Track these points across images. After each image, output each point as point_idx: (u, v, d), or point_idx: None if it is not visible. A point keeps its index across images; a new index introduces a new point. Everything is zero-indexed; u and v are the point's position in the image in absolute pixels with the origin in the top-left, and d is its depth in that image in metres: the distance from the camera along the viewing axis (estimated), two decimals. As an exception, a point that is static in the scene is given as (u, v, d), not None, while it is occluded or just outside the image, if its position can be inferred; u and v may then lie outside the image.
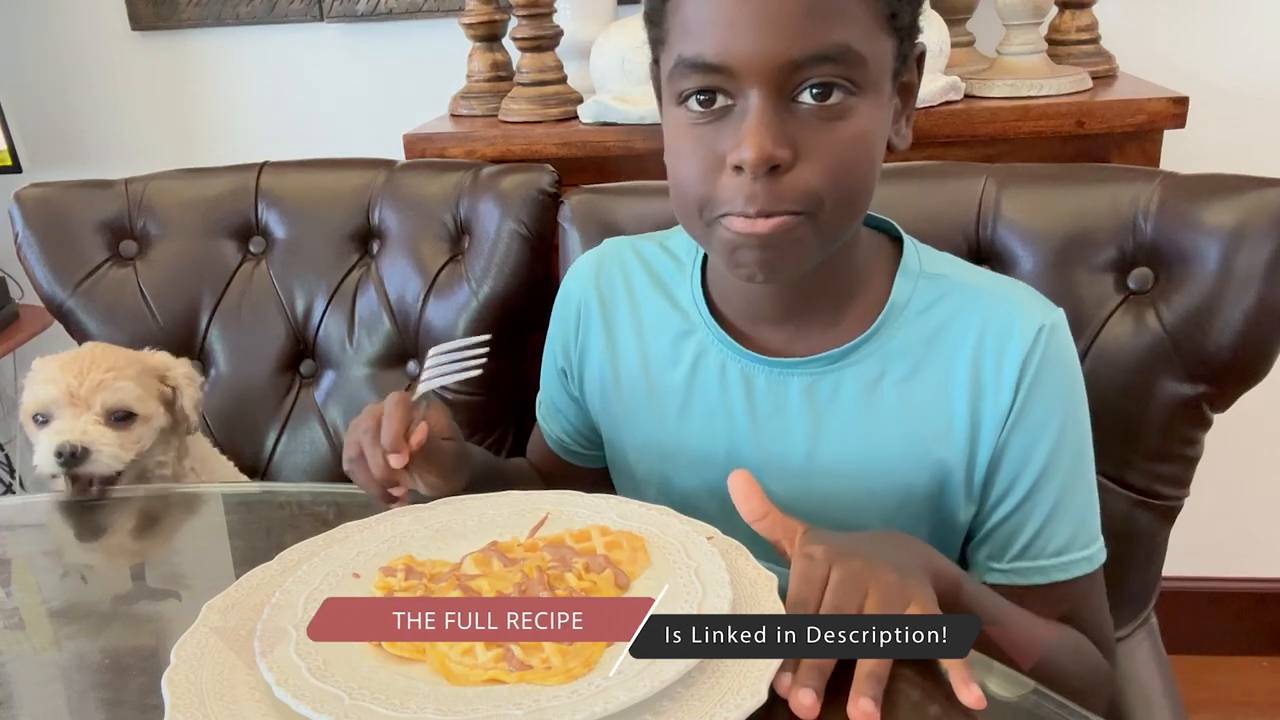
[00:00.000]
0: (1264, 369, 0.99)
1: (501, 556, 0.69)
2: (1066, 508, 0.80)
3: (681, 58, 0.71)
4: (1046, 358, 0.78)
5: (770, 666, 0.58)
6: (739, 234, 0.72)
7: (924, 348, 0.80)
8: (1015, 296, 0.82)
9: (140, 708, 0.64)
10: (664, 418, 0.88)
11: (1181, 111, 1.34)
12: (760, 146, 0.67)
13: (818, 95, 0.69)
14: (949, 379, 0.80)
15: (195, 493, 1.06)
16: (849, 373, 0.81)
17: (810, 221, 0.71)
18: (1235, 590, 1.95)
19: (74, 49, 1.99)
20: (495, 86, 1.62)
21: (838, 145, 0.70)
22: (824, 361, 0.81)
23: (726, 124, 0.70)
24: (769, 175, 0.69)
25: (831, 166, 0.70)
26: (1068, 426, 0.80)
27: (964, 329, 0.80)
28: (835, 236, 0.75)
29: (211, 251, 1.38)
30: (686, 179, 0.74)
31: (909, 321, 0.81)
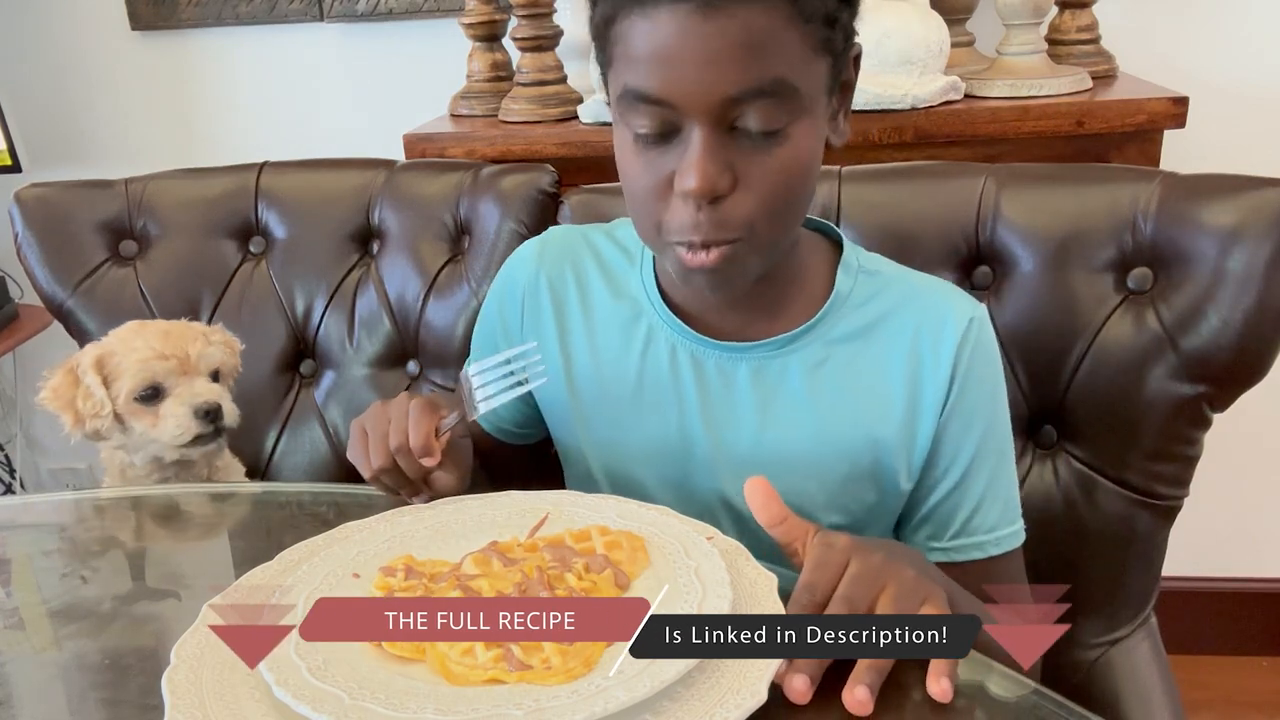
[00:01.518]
0: (1264, 369, 0.99)
1: (501, 556, 0.69)
2: (997, 487, 0.86)
3: (627, 88, 0.74)
4: (977, 348, 0.84)
5: (770, 666, 0.58)
6: (687, 265, 0.77)
7: (864, 336, 0.85)
8: (944, 291, 0.88)
9: (140, 708, 0.64)
10: (617, 407, 0.90)
11: (1181, 111, 1.34)
12: (703, 178, 0.72)
13: (757, 124, 0.72)
14: (888, 365, 0.85)
15: (195, 493, 1.07)
16: (795, 357, 0.85)
17: (750, 243, 0.76)
18: (1235, 590, 1.95)
19: (74, 49, 1.99)
20: (495, 86, 1.62)
21: (775, 171, 0.74)
22: (772, 346, 0.85)
23: (673, 148, 0.74)
24: (711, 204, 0.73)
25: (769, 192, 0.74)
26: (997, 412, 0.86)
27: (901, 320, 0.85)
28: (775, 251, 0.80)
29: (211, 251, 1.38)
30: (640, 198, 0.78)
31: (850, 312, 0.86)
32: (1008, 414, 0.88)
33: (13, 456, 2.20)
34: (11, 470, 2.19)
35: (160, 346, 1.07)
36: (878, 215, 1.09)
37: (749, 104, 0.71)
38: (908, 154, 1.36)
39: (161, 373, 1.07)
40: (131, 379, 1.06)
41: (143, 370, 1.06)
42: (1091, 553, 1.04)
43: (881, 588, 0.63)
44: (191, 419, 1.06)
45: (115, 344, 1.09)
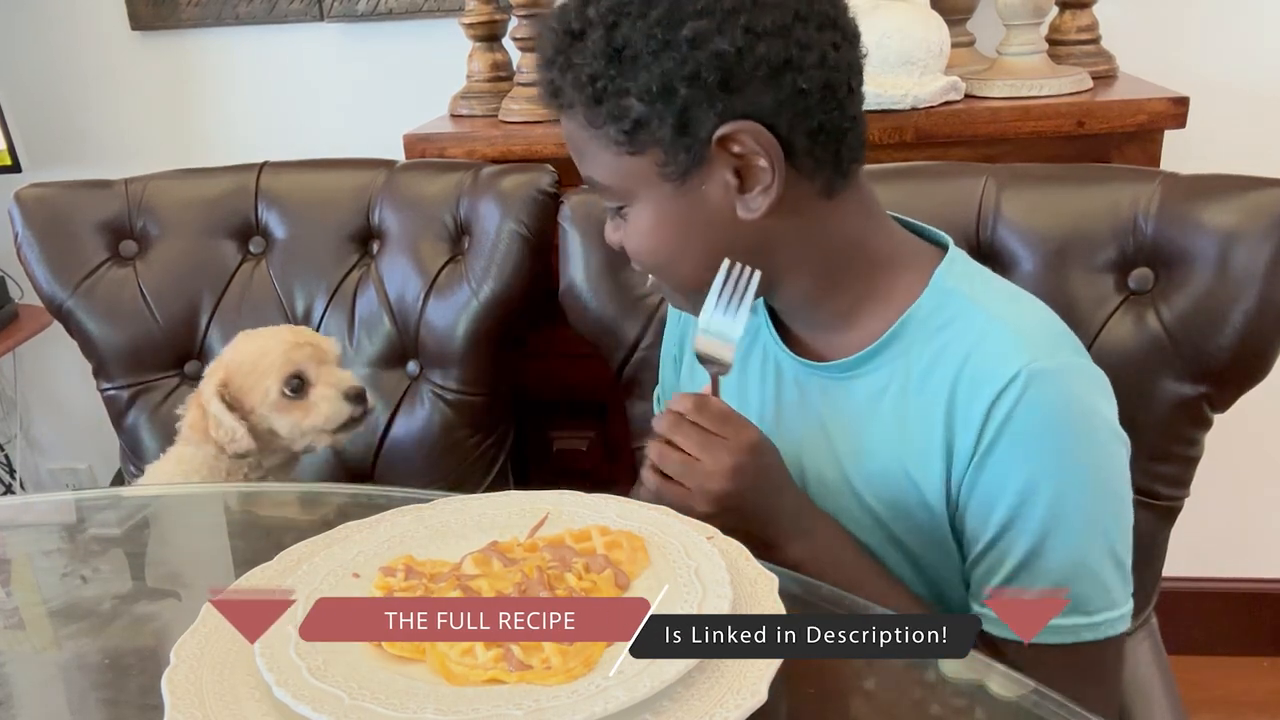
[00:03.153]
0: (1264, 369, 0.99)
1: (501, 556, 0.69)
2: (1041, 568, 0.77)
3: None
4: (1021, 403, 0.76)
5: (770, 666, 0.58)
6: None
7: (928, 364, 0.81)
8: (1012, 329, 0.80)
9: (140, 708, 0.64)
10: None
11: (1181, 111, 1.34)
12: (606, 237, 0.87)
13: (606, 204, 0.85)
14: (935, 400, 0.80)
15: (195, 493, 1.07)
16: (860, 382, 0.84)
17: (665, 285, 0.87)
18: (1235, 590, 1.95)
19: (74, 49, 1.99)
20: (495, 86, 1.62)
21: (630, 239, 0.84)
22: (839, 369, 0.84)
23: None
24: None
25: (634, 254, 0.85)
26: (1044, 481, 0.77)
27: (955, 353, 0.79)
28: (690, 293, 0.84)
29: (211, 251, 1.38)
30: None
31: (924, 335, 0.81)
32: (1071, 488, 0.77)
33: (13, 456, 2.20)
34: (11, 470, 2.19)
35: (291, 338, 1.11)
36: (878, 215, 1.09)
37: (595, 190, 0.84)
38: (908, 154, 1.36)
39: (302, 359, 1.10)
40: (278, 371, 1.09)
41: (287, 361, 1.09)
42: (1092, 553, 1.03)
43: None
44: (343, 402, 1.09)
45: (239, 355, 1.12)
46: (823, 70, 0.75)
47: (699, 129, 0.76)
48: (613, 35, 0.74)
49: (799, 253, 0.82)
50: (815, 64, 0.75)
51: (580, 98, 0.77)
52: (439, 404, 1.33)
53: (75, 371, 1.72)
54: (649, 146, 0.77)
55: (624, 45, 0.74)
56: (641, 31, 0.74)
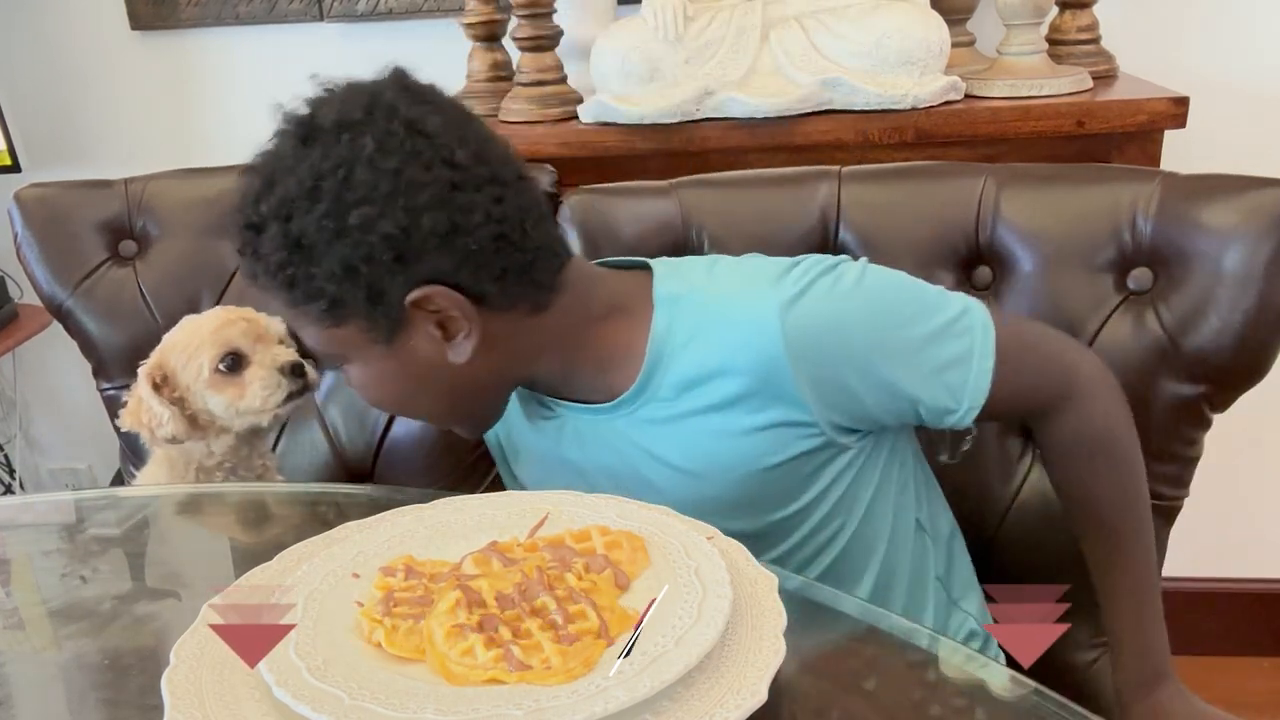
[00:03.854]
0: (1264, 369, 0.99)
1: (501, 556, 0.69)
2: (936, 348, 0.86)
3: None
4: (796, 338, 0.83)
5: (770, 666, 0.58)
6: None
7: (698, 369, 0.86)
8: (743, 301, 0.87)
9: (140, 708, 0.64)
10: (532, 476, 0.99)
11: (1182, 111, 1.34)
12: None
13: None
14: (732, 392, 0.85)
15: (195, 493, 1.07)
16: (637, 417, 0.89)
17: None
18: (1235, 590, 1.95)
19: (73, 49, 1.99)
20: (495, 86, 1.62)
21: (358, 390, 0.90)
22: (610, 410, 0.89)
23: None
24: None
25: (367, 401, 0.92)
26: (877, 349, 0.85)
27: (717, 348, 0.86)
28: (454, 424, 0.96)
29: (211, 251, 1.38)
30: None
31: (677, 345, 0.87)
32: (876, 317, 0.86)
33: (13, 456, 2.20)
34: (11, 470, 2.19)
35: (225, 315, 1.09)
36: (878, 215, 1.09)
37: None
38: (908, 154, 1.36)
39: (237, 336, 1.07)
40: (210, 349, 1.06)
41: (218, 338, 1.07)
42: (1091, 553, 1.03)
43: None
44: (279, 378, 1.07)
45: (175, 335, 1.10)
46: (489, 225, 0.81)
47: (390, 298, 0.81)
48: (288, 228, 0.79)
49: (531, 354, 0.89)
50: (481, 223, 0.81)
51: (274, 284, 0.82)
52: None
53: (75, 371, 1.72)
54: (350, 318, 0.82)
55: (300, 235, 0.79)
56: (313, 223, 0.79)
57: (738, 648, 0.60)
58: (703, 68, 1.42)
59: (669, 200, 1.14)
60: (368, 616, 0.64)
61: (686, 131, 1.41)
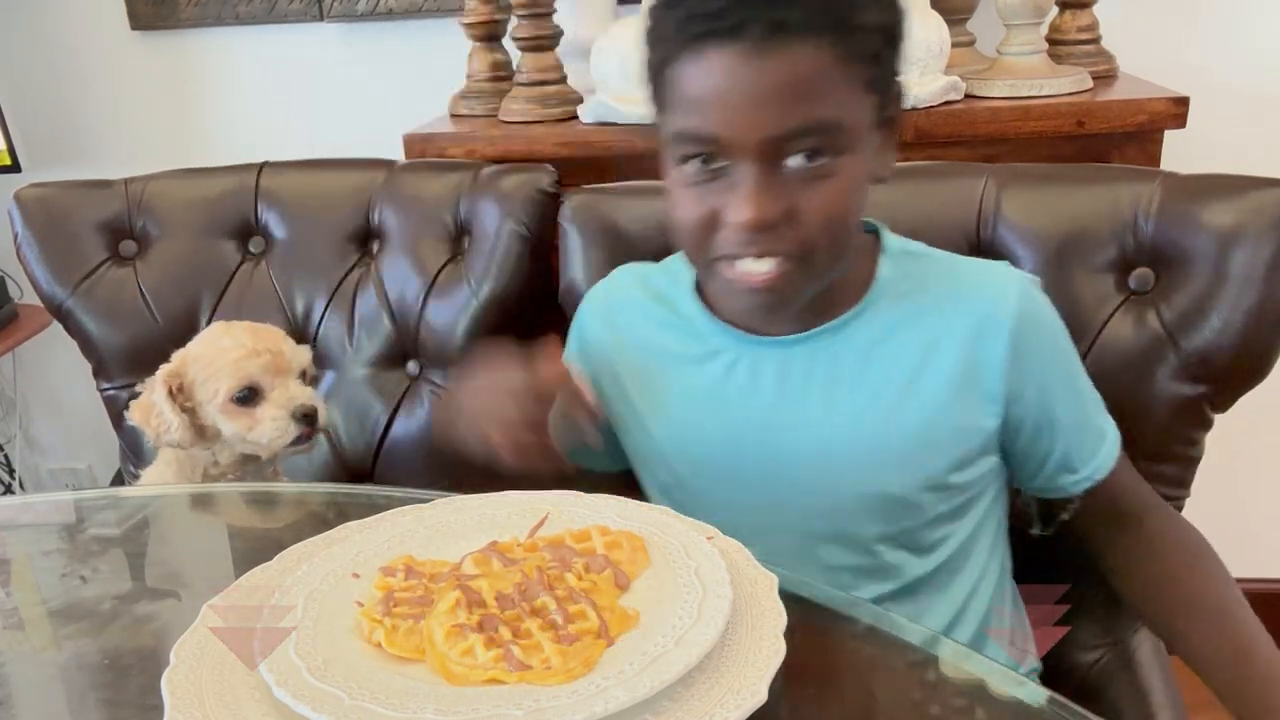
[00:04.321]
0: (1264, 369, 0.99)
1: (501, 556, 0.69)
2: (1094, 413, 0.91)
3: (679, 130, 0.79)
4: (1027, 314, 0.86)
5: (770, 666, 0.58)
6: (736, 283, 0.80)
7: (916, 314, 0.87)
8: (990, 269, 0.91)
9: (140, 708, 0.64)
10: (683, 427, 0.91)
11: (1182, 111, 1.33)
12: (751, 211, 0.75)
13: (805, 159, 0.76)
14: (942, 343, 0.86)
15: (195, 493, 1.07)
16: (846, 343, 0.87)
17: (800, 266, 0.79)
18: (1235, 590, 1.95)
19: (74, 49, 1.99)
20: (495, 86, 1.62)
21: (823, 202, 0.77)
22: (826, 333, 0.87)
23: (722, 182, 0.77)
24: (761, 232, 0.76)
25: (818, 222, 0.77)
26: (1069, 364, 0.90)
27: (954, 298, 0.87)
28: (825, 275, 0.82)
29: (211, 251, 1.38)
30: (688, 229, 0.81)
31: (899, 293, 0.87)
32: (1075, 353, 0.91)
33: (13, 456, 2.20)
34: (11, 470, 2.19)
35: (252, 343, 1.07)
36: (878, 215, 1.08)
37: (796, 142, 0.75)
38: (908, 154, 1.35)
39: (257, 371, 1.06)
40: (229, 379, 1.05)
41: (238, 370, 1.06)
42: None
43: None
44: (289, 422, 1.06)
45: (200, 348, 1.09)
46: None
47: (894, 73, 0.79)
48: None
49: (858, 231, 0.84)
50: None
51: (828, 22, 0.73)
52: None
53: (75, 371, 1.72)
54: (872, 91, 0.77)
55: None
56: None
57: (738, 648, 0.60)
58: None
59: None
60: (368, 616, 0.64)
61: (687, 131, 1.41)
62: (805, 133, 0.74)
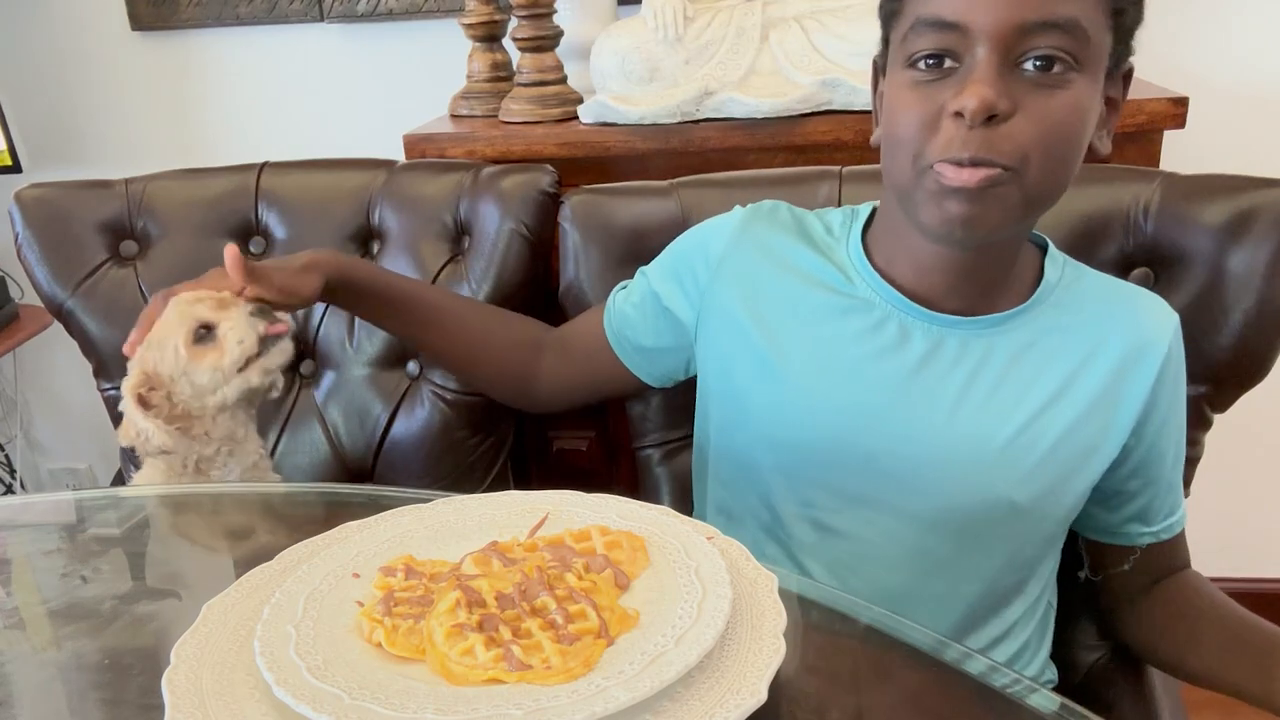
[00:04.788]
0: (1264, 369, 0.99)
1: (501, 556, 0.69)
2: (1181, 469, 0.95)
3: (920, 18, 0.77)
4: (1175, 356, 0.90)
5: (770, 666, 0.58)
6: (948, 184, 0.77)
7: (1072, 326, 0.87)
8: (1150, 297, 0.92)
9: (140, 708, 0.64)
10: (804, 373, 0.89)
11: (1181, 112, 1.34)
12: (983, 95, 0.73)
13: (1040, 65, 0.75)
14: (1093, 361, 0.87)
15: (195, 493, 1.06)
16: (1002, 339, 0.87)
17: (1016, 181, 0.76)
18: (1236, 590, 1.93)
19: (74, 49, 1.99)
20: (495, 87, 1.62)
21: (1052, 110, 0.75)
22: (982, 324, 0.87)
23: (950, 82, 0.76)
24: (985, 125, 0.74)
25: (1044, 128, 0.75)
26: (1182, 408, 0.93)
27: (1111, 321, 0.88)
28: (1037, 202, 0.80)
29: (212, 252, 1.37)
30: (904, 129, 0.79)
31: (1059, 304, 0.88)
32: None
33: (13, 456, 2.20)
34: (11, 470, 2.19)
35: (190, 295, 1.05)
36: (878, 215, 1.09)
37: (1038, 37, 0.74)
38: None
39: (202, 311, 1.04)
40: (179, 328, 1.03)
41: (184, 316, 1.04)
42: (1092, 553, 1.04)
43: None
44: (250, 318, 1.03)
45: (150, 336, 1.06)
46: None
47: (1129, 46, 0.80)
48: None
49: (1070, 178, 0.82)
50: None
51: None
52: (439, 404, 1.33)
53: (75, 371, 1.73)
54: (1113, 28, 0.77)
55: None
56: None
57: (738, 648, 0.60)
58: (702, 68, 1.42)
59: (669, 200, 1.14)
60: (368, 616, 0.64)
61: (686, 131, 1.41)
62: (1050, 26, 0.73)
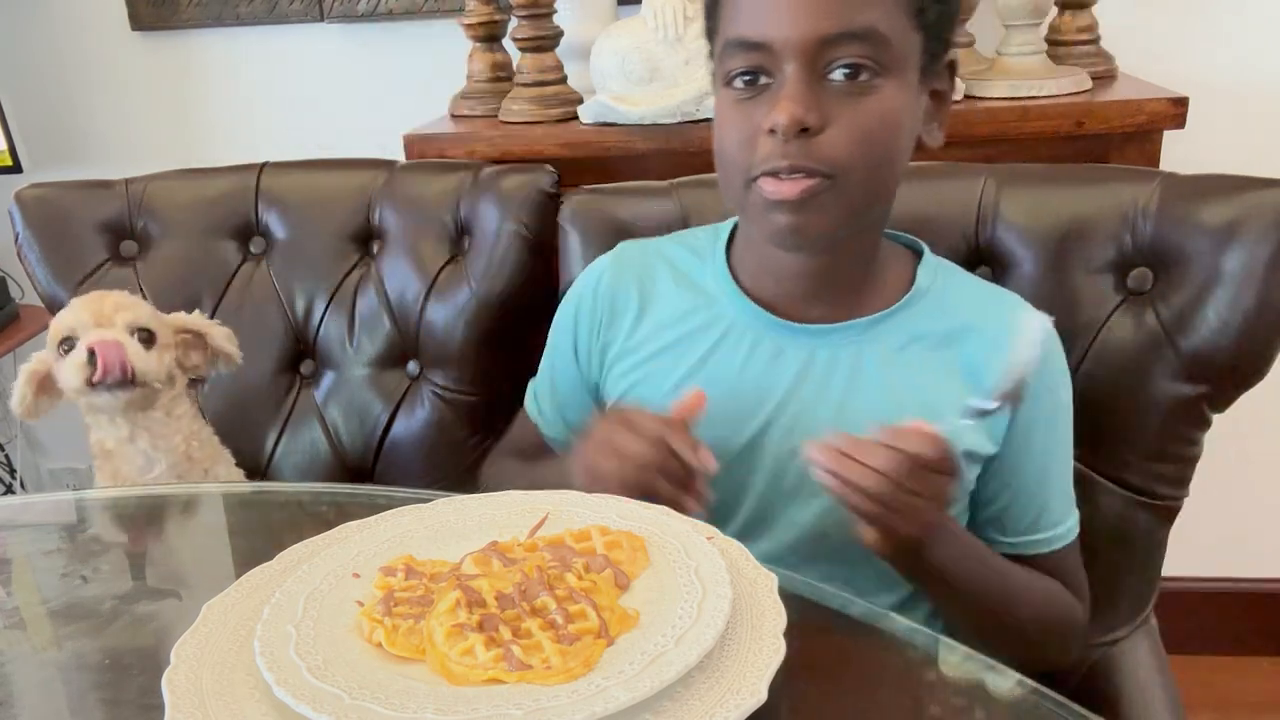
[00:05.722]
0: (1263, 369, 0.99)
1: (501, 556, 0.69)
2: (1060, 485, 0.91)
3: (729, 39, 0.81)
4: (1048, 357, 0.87)
5: (770, 666, 0.58)
6: (771, 197, 0.80)
7: (943, 336, 0.88)
8: (1018, 303, 0.91)
9: (140, 708, 0.64)
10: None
11: (1181, 112, 1.34)
12: (791, 111, 0.77)
13: (847, 73, 0.78)
14: (960, 368, 0.87)
15: (195, 493, 1.07)
16: (872, 346, 0.87)
17: (835, 187, 0.79)
18: (1235, 590, 1.95)
19: (74, 49, 1.99)
20: (495, 87, 1.62)
21: (862, 117, 0.78)
22: (851, 331, 0.87)
23: (765, 98, 0.79)
24: (799, 138, 0.77)
25: (855, 136, 0.78)
26: (1059, 416, 0.90)
27: (979, 327, 0.87)
28: (859, 207, 0.82)
29: (212, 252, 1.38)
30: (728, 147, 0.83)
31: (931, 309, 0.89)
32: (1071, 416, 0.91)
33: (13, 456, 2.20)
34: (11, 470, 2.19)
35: (82, 301, 1.10)
36: (878, 215, 1.09)
37: (840, 48, 0.77)
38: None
39: (73, 322, 1.08)
40: (52, 330, 1.09)
41: (59, 324, 1.09)
42: (1091, 553, 1.03)
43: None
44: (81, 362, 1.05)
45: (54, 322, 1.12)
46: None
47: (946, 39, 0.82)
48: None
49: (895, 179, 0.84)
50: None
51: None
52: (439, 404, 1.33)
53: (75, 371, 1.72)
54: (919, 26, 0.79)
55: None
56: None
57: (738, 648, 0.60)
58: (702, 68, 1.42)
59: (669, 200, 1.14)
60: (368, 616, 0.64)
61: (686, 131, 1.41)
62: (850, 37, 0.76)
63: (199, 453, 1.16)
